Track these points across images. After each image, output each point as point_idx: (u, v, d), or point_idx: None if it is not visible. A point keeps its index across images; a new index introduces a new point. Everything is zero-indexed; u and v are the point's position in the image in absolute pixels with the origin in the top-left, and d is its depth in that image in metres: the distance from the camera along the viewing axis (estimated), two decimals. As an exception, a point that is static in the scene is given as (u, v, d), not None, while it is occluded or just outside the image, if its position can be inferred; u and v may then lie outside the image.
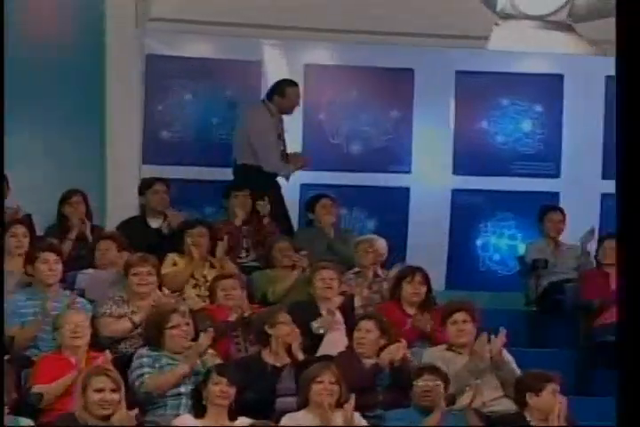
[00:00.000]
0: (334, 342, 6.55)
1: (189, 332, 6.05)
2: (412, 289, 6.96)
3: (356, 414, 5.80)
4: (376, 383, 6.15)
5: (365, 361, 6.23)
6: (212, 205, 8.81)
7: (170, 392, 5.86)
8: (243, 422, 5.66)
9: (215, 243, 7.46)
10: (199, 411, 5.73)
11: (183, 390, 5.87)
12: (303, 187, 9.13)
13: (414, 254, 8.70)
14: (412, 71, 9.19)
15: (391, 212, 9.14)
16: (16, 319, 6.31)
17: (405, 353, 6.23)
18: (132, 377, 5.92)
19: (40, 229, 7.73)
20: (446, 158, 9.33)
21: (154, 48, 8.53)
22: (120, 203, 8.24)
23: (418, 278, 6.98)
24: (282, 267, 7.61)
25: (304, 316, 6.61)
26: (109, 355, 5.91)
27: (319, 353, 6.53)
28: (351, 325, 6.49)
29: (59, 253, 6.68)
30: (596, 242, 8.34)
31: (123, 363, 6.01)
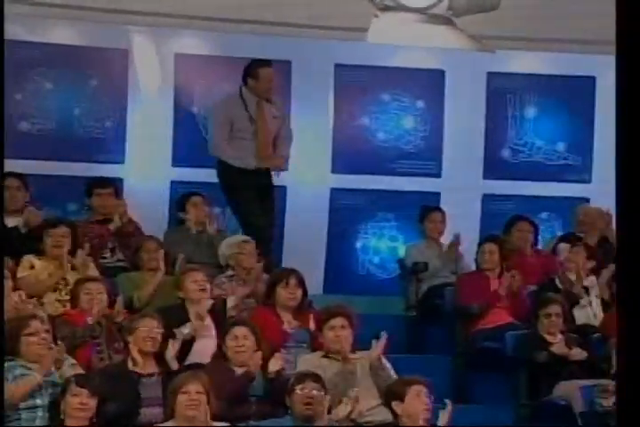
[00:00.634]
0: (205, 349, 6.37)
1: (48, 339, 5.84)
2: (286, 293, 6.81)
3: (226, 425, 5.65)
4: (249, 393, 5.97)
5: (237, 370, 6.06)
6: (76, 203, 8.51)
7: (24, 404, 5.62)
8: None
9: (77, 243, 7.23)
10: (56, 425, 5.53)
11: (39, 402, 5.65)
12: (174, 184, 8.87)
13: (290, 257, 8.52)
14: (289, 63, 9.02)
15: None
16: None
17: (281, 363, 6.09)
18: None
19: None
20: (324, 156, 9.18)
21: (13, 33, 8.13)
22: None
23: (293, 282, 6.83)
24: (148, 269, 7.38)
25: (172, 321, 6.38)
26: None
27: (189, 361, 6.35)
28: (223, 330, 6.30)
29: None
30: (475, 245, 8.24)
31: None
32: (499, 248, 7.92)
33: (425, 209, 8.60)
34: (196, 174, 8.84)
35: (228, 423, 5.67)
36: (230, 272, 7.47)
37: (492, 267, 7.88)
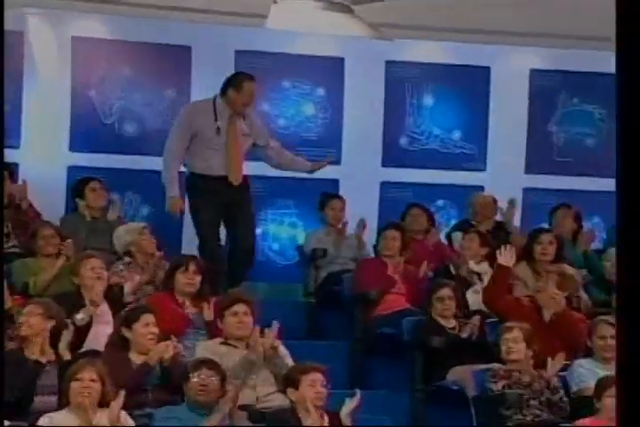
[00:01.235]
0: (101, 335, 6.26)
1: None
2: (185, 279, 6.74)
3: (123, 413, 5.52)
4: (145, 381, 5.88)
5: (134, 357, 5.97)
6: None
7: None
8: (-4, 426, 5.33)
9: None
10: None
11: None
12: (71, 169, 8.71)
13: (190, 243, 8.28)
14: (189, 49, 8.92)
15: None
16: None
17: (177, 350, 5.97)
18: None
19: None
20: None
21: None
22: None
23: (192, 268, 6.76)
24: (45, 255, 7.24)
25: (67, 307, 6.26)
26: None
27: (85, 348, 6.23)
28: (121, 317, 6.21)
29: None
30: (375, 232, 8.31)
31: None
32: (400, 235, 7.99)
33: (325, 196, 8.59)
34: (94, 160, 8.71)
35: (123, 411, 5.57)
36: (128, 259, 7.37)
37: (392, 253, 7.91)
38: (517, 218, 9.07)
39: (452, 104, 9.58)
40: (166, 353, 5.89)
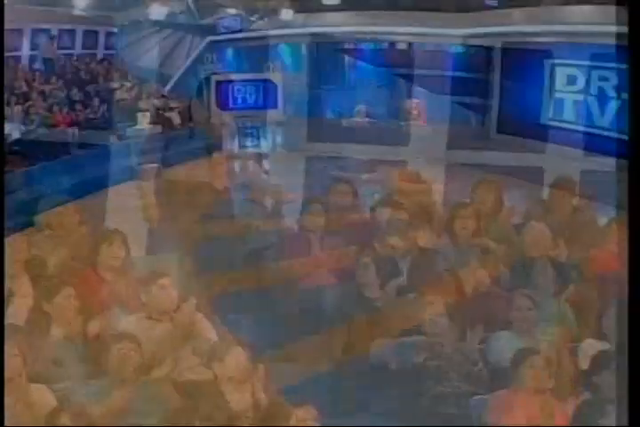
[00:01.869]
0: (21, 309, 6.19)
1: None
2: (110, 253, 6.70)
3: (43, 387, 5.50)
4: (70, 355, 5.86)
5: (61, 331, 5.97)
6: None
7: None
8: None
9: None
10: None
11: None
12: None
13: (114, 218, 8.27)
14: None
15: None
16: None
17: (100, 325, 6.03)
18: None
19: None
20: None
21: None
22: None
23: (117, 242, 6.74)
24: None
25: None
26: None
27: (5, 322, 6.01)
28: (43, 291, 6.17)
29: None
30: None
31: None
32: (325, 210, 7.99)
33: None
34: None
35: (45, 385, 5.57)
36: (49, 231, 7.32)
37: (315, 229, 7.92)
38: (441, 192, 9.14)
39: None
40: (93, 328, 5.90)
